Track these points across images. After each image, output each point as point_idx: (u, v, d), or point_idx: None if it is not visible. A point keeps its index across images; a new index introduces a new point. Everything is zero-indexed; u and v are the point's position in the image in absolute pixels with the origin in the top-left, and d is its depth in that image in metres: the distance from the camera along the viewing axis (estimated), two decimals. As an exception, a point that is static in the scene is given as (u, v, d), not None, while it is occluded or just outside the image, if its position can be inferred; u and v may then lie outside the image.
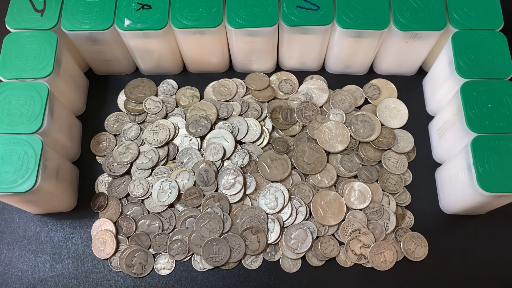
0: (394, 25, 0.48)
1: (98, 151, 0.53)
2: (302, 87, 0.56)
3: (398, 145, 0.52)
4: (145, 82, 0.56)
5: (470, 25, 0.48)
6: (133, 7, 0.49)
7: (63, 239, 0.49)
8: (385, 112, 0.54)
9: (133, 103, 0.55)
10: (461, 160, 0.45)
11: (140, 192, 0.50)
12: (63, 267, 0.48)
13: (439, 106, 0.52)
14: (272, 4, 0.48)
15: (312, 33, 0.50)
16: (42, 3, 0.50)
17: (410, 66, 0.56)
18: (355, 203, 0.49)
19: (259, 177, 0.50)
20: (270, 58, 0.54)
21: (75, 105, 0.54)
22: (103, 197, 0.50)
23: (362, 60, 0.54)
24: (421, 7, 0.49)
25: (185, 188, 0.49)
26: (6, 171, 0.42)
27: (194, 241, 0.48)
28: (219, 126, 0.53)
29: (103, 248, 0.48)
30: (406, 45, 0.51)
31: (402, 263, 0.48)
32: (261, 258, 0.48)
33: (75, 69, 0.53)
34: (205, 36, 0.50)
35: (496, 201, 0.44)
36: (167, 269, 0.48)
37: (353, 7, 0.48)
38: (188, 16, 0.48)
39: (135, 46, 0.51)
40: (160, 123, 0.53)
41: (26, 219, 0.50)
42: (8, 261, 0.48)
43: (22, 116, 0.44)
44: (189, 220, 0.49)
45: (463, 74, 0.47)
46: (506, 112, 0.45)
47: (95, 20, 0.48)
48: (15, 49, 0.47)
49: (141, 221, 0.49)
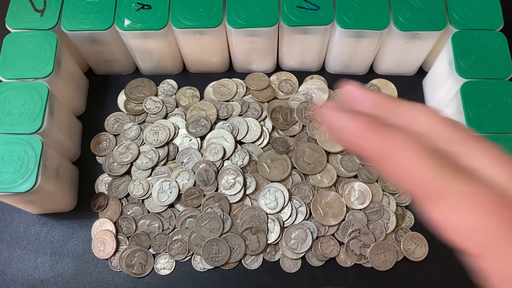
0: (394, 25, 0.48)
1: (98, 151, 0.53)
2: (302, 87, 0.56)
3: (398, 145, 0.52)
4: (145, 82, 0.56)
5: (470, 25, 0.48)
6: (133, 7, 0.49)
7: (63, 239, 0.49)
8: (385, 112, 0.54)
9: (133, 103, 0.55)
10: (461, 160, 0.45)
11: (140, 192, 0.50)
12: (63, 267, 0.48)
13: (439, 106, 0.52)
14: (272, 4, 0.48)
15: (312, 33, 0.50)
16: (42, 3, 0.50)
17: (410, 66, 0.56)
18: (355, 203, 0.49)
19: (259, 177, 0.50)
20: (270, 58, 0.54)
21: (75, 105, 0.54)
22: (103, 197, 0.50)
23: (362, 60, 0.54)
24: (421, 7, 0.49)
25: (185, 188, 0.49)
26: (6, 171, 0.42)
27: (194, 241, 0.48)
28: (219, 126, 0.53)
29: (103, 248, 0.48)
30: (406, 45, 0.51)
31: (402, 263, 0.48)
32: (261, 258, 0.48)
33: (75, 69, 0.53)
34: (205, 36, 0.50)
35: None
36: (167, 269, 0.48)
37: (353, 7, 0.48)
38: (188, 16, 0.48)
39: (135, 46, 0.51)
40: (160, 123, 0.53)
41: (26, 219, 0.50)
42: (8, 261, 0.48)
43: (22, 116, 0.44)
44: (189, 220, 0.49)
45: (463, 74, 0.47)
46: (506, 112, 0.45)
47: (95, 20, 0.48)
48: (15, 49, 0.47)
49: (141, 221, 0.49)
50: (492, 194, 0.20)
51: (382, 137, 0.22)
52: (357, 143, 0.23)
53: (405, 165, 0.22)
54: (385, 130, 0.22)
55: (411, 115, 0.24)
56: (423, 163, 0.21)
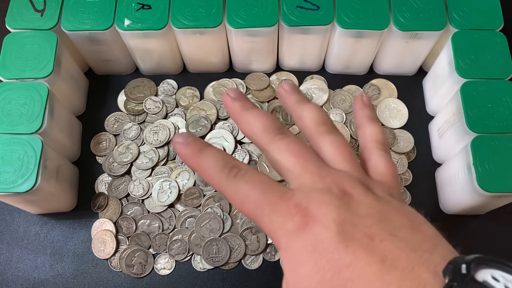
0: (394, 25, 0.48)
1: (98, 151, 0.53)
2: (302, 87, 0.56)
3: (398, 145, 0.52)
4: (145, 82, 0.56)
5: (470, 25, 0.48)
6: (133, 7, 0.49)
7: (63, 239, 0.49)
8: (385, 112, 0.54)
9: (133, 103, 0.55)
10: (461, 160, 0.45)
11: (140, 192, 0.50)
12: (63, 267, 0.48)
13: (439, 106, 0.52)
14: (272, 4, 0.48)
15: (312, 33, 0.50)
16: (42, 3, 0.50)
17: (410, 66, 0.56)
18: (355, 203, 0.49)
19: (259, 177, 0.50)
20: (270, 58, 0.54)
21: (75, 105, 0.54)
22: (103, 197, 0.50)
23: (362, 60, 0.54)
24: (421, 7, 0.49)
25: (185, 188, 0.49)
26: (6, 171, 0.42)
27: (194, 241, 0.48)
28: (219, 126, 0.53)
29: (103, 248, 0.48)
30: (406, 45, 0.51)
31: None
32: (261, 258, 0.48)
33: (75, 69, 0.53)
34: (205, 36, 0.50)
35: (496, 201, 0.44)
36: (167, 269, 0.48)
37: (353, 7, 0.48)
38: (188, 16, 0.48)
39: (135, 46, 0.51)
40: (160, 123, 0.53)
41: (26, 219, 0.50)
42: (8, 261, 0.48)
43: (22, 116, 0.44)
44: (189, 220, 0.49)
45: (463, 74, 0.47)
46: (506, 112, 0.45)
47: (95, 20, 0.48)
48: (15, 49, 0.47)
49: (141, 221, 0.49)
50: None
51: (196, 158, 0.30)
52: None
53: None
54: (203, 154, 0.29)
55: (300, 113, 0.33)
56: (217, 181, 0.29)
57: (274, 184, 0.28)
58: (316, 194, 0.26)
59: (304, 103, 0.33)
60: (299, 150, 0.29)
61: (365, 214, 0.25)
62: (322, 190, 0.27)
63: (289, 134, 0.31)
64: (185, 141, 0.30)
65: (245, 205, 0.28)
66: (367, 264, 0.23)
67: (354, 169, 0.29)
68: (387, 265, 0.23)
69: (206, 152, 0.29)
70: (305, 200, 0.26)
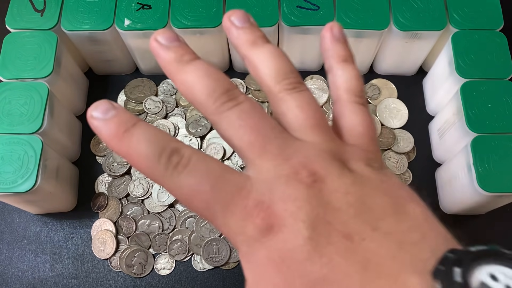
0: (394, 25, 0.48)
1: (98, 151, 0.53)
2: (302, 87, 0.56)
3: (398, 145, 0.52)
4: (145, 82, 0.56)
5: (470, 25, 0.48)
6: (133, 7, 0.49)
7: (63, 239, 0.49)
8: (385, 112, 0.54)
9: (133, 103, 0.55)
10: (461, 160, 0.45)
11: (140, 192, 0.50)
12: (63, 267, 0.48)
13: (439, 106, 0.52)
14: (272, 4, 0.48)
15: (312, 33, 0.50)
16: (42, 3, 0.50)
17: (410, 66, 0.56)
18: (355, 203, 0.49)
19: (259, 177, 0.50)
20: (270, 58, 0.54)
21: (75, 105, 0.54)
22: (103, 197, 0.50)
23: (362, 60, 0.54)
24: (421, 7, 0.49)
25: (185, 188, 0.49)
26: (6, 171, 0.42)
27: (194, 241, 0.48)
28: (219, 126, 0.53)
29: (103, 248, 0.48)
30: (406, 45, 0.51)
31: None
32: (261, 258, 0.48)
33: (75, 69, 0.53)
34: (205, 36, 0.50)
35: (496, 201, 0.44)
36: (167, 269, 0.48)
37: (353, 7, 0.48)
38: (188, 16, 0.48)
39: (135, 46, 0.51)
40: (160, 123, 0.53)
41: (26, 219, 0.50)
42: (8, 261, 0.48)
43: (22, 116, 0.44)
44: (189, 220, 0.49)
45: (463, 74, 0.47)
46: (506, 112, 0.45)
47: (95, 20, 0.48)
48: (15, 49, 0.47)
49: (141, 221, 0.49)
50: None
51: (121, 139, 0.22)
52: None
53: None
54: (130, 135, 0.22)
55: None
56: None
57: (226, 173, 0.22)
58: (280, 185, 0.21)
59: (260, 45, 0.26)
60: (255, 123, 0.23)
61: (341, 205, 0.21)
62: (288, 178, 0.21)
63: (242, 98, 0.24)
64: (104, 116, 0.22)
65: (192, 204, 0.22)
66: (346, 275, 0.19)
67: (325, 138, 0.24)
68: (369, 272, 0.19)
69: (134, 133, 0.22)
70: (267, 196, 0.21)
